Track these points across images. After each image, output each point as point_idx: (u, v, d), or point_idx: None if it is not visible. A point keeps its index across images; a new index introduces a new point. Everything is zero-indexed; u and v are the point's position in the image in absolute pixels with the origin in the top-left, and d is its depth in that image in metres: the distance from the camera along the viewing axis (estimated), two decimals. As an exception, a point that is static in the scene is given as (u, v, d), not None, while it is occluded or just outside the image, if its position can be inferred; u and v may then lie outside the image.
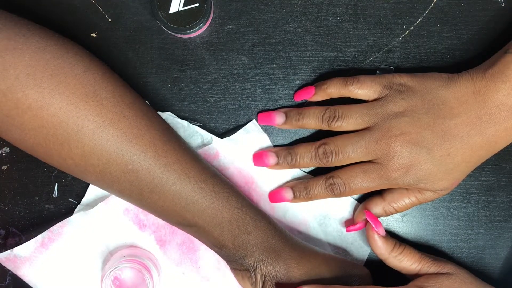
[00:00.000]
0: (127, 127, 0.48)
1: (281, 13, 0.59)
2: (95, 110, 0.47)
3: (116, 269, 0.53)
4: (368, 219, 0.54)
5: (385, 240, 0.53)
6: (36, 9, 0.57)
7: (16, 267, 0.56)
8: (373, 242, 0.53)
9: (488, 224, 0.59)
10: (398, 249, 0.53)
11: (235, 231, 0.51)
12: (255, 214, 0.52)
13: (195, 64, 0.58)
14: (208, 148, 0.57)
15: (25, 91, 0.45)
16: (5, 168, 0.58)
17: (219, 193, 0.51)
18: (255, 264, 0.51)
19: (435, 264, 0.53)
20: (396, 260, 0.53)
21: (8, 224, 0.58)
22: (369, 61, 0.59)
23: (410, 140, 0.51)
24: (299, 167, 0.56)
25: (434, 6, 0.59)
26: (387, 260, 0.54)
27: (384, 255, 0.53)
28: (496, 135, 0.51)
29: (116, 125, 0.48)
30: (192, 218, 0.51)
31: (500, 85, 0.50)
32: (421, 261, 0.53)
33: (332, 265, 0.53)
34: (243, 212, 0.51)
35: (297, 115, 0.56)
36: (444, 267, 0.53)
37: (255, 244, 0.51)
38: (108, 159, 0.48)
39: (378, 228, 0.53)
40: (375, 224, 0.53)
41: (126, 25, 0.58)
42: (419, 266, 0.53)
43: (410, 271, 0.53)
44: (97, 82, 0.48)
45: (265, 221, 0.53)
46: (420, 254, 0.53)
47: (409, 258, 0.53)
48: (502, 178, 0.59)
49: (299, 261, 0.52)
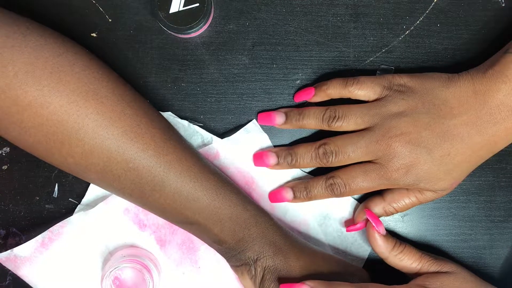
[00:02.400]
0: (127, 125, 0.48)
1: (282, 13, 0.58)
2: (96, 109, 0.47)
3: (116, 269, 0.53)
4: (369, 218, 0.54)
5: (386, 239, 0.53)
6: (36, 9, 0.57)
7: (16, 267, 0.56)
8: (374, 241, 0.54)
9: (488, 224, 0.59)
10: (398, 248, 0.53)
11: (236, 227, 0.51)
12: (255, 210, 0.52)
13: (195, 64, 0.58)
14: (208, 148, 0.57)
15: (24, 88, 0.45)
16: (5, 168, 0.58)
17: (219, 191, 0.51)
18: (255, 257, 0.51)
19: (435, 263, 0.53)
20: (397, 259, 0.53)
21: (8, 224, 0.58)
22: (369, 61, 0.59)
23: (410, 140, 0.51)
24: (299, 167, 0.56)
25: (434, 6, 0.59)
26: (387, 259, 0.54)
27: (384, 254, 0.53)
28: (496, 135, 0.51)
29: (116, 124, 0.48)
30: (193, 216, 0.51)
31: (500, 85, 0.50)
32: (421, 260, 0.53)
33: (331, 263, 0.53)
34: (244, 208, 0.52)
35: (297, 115, 0.56)
36: (444, 266, 0.53)
37: (255, 238, 0.51)
38: (109, 157, 0.48)
39: (378, 227, 0.53)
40: (376, 223, 0.53)
41: (126, 25, 0.58)
42: (419, 265, 0.53)
43: (410, 270, 0.53)
44: (97, 81, 0.48)
45: (266, 217, 0.53)
46: (420, 253, 0.53)
47: (409, 257, 0.53)
48: (502, 178, 0.59)
49: (299, 256, 0.52)
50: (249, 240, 0.51)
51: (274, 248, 0.52)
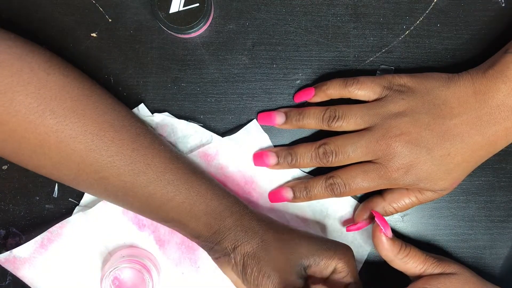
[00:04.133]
0: (90, 140, 0.49)
1: (281, 13, 0.58)
2: (54, 127, 0.47)
3: (115, 269, 0.53)
4: (377, 220, 0.53)
5: (392, 242, 0.52)
6: (36, 9, 0.57)
7: (15, 268, 0.56)
8: (380, 244, 0.52)
9: (488, 224, 0.59)
10: (404, 251, 0.52)
11: (211, 221, 0.51)
12: (231, 202, 0.53)
13: (195, 64, 0.58)
14: (208, 148, 0.57)
15: None
16: (5, 168, 0.58)
17: (193, 189, 0.51)
18: (233, 246, 0.51)
19: (439, 265, 0.52)
20: (402, 262, 0.52)
21: (8, 224, 0.58)
22: (369, 61, 0.59)
23: (410, 140, 0.51)
24: (299, 167, 0.56)
25: (434, 6, 0.59)
26: (392, 262, 0.53)
27: (390, 257, 0.52)
28: (496, 135, 0.51)
29: (78, 139, 0.48)
30: (167, 215, 0.52)
31: (500, 85, 0.50)
32: (426, 262, 0.52)
33: (310, 239, 0.52)
34: (218, 202, 0.52)
35: (297, 115, 0.56)
36: (448, 268, 0.52)
37: (230, 228, 0.51)
38: (78, 169, 0.49)
39: (386, 230, 0.52)
40: (384, 226, 0.52)
41: (126, 25, 0.58)
42: (423, 268, 0.52)
43: (414, 272, 0.53)
44: (53, 100, 0.47)
45: (240, 207, 0.53)
46: (425, 256, 0.53)
47: (414, 260, 0.52)
48: (502, 178, 0.59)
49: (276, 237, 0.52)
50: (224, 231, 0.51)
51: (250, 233, 0.51)
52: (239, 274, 0.52)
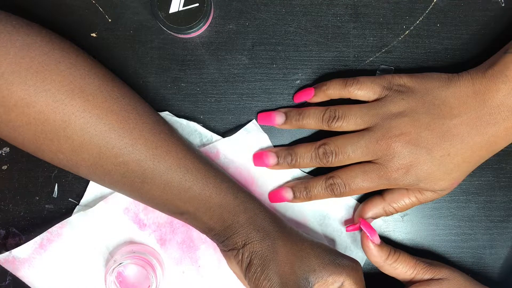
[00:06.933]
0: (115, 121, 0.48)
1: (281, 13, 0.58)
2: (82, 106, 0.47)
3: (120, 265, 0.53)
4: (363, 228, 0.53)
5: (380, 248, 0.53)
6: (35, 9, 0.57)
7: (15, 269, 0.56)
8: (368, 251, 0.53)
9: (488, 224, 0.59)
10: (393, 256, 0.53)
11: (225, 215, 0.51)
12: (246, 197, 0.52)
13: (195, 64, 0.58)
14: (208, 148, 0.57)
15: (10, 88, 0.46)
16: (5, 168, 0.58)
17: (210, 180, 0.51)
18: (243, 242, 0.51)
19: (429, 270, 0.53)
20: (391, 267, 0.53)
21: (8, 224, 0.58)
22: (369, 61, 0.59)
23: (410, 140, 0.51)
24: (299, 167, 0.56)
25: (434, 6, 0.59)
26: (382, 267, 0.54)
27: (379, 263, 0.53)
28: (496, 135, 0.51)
29: (103, 120, 0.48)
30: (183, 205, 0.51)
31: (500, 85, 0.50)
32: (416, 267, 0.53)
33: (320, 252, 0.52)
34: (234, 196, 0.52)
35: (297, 115, 0.56)
36: (438, 273, 0.52)
37: (243, 224, 0.51)
38: (98, 153, 0.48)
39: (373, 237, 0.53)
40: (370, 233, 0.53)
41: (126, 25, 0.58)
42: (414, 273, 0.53)
43: (405, 277, 0.53)
44: (83, 78, 0.48)
45: (255, 204, 0.53)
46: (415, 260, 0.53)
47: (404, 265, 0.53)
48: (502, 178, 0.59)
49: (286, 242, 0.52)
50: (237, 226, 0.51)
51: (262, 234, 0.51)
52: (243, 270, 0.52)
